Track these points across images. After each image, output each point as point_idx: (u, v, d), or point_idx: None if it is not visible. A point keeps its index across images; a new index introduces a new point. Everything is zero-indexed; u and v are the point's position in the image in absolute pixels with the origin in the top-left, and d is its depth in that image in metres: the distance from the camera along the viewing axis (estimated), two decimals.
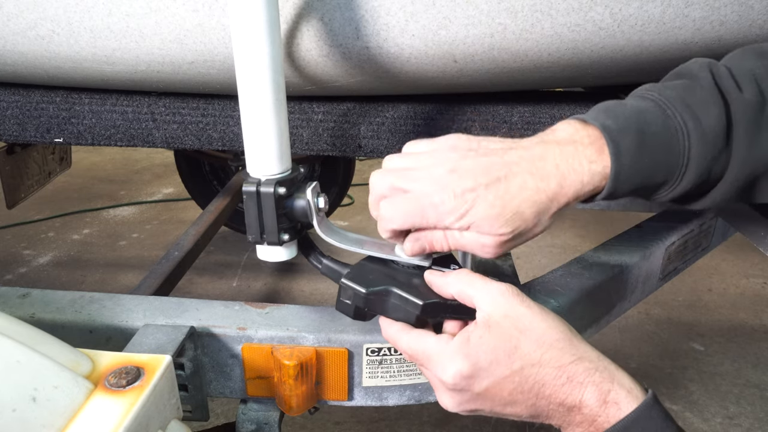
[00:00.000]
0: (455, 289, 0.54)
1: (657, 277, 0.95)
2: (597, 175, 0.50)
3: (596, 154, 0.50)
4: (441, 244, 0.54)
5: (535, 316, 0.50)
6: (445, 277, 0.56)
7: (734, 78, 0.51)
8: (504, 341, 0.49)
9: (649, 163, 0.50)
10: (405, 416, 1.60)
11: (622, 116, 0.51)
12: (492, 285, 0.53)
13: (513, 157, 0.51)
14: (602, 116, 0.51)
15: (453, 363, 0.50)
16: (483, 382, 0.50)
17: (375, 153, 0.91)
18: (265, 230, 0.64)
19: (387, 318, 0.58)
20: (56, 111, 0.94)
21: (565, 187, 0.50)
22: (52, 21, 0.77)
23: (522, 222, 0.51)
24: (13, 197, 1.58)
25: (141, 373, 0.52)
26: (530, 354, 0.49)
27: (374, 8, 0.70)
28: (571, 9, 0.69)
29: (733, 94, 0.50)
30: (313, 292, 2.21)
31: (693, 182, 0.51)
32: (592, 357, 0.49)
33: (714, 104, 0.50)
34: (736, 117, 0.49)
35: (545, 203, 0.51)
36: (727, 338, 1.95)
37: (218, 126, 0.92)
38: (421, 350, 0.53)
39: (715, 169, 0.51)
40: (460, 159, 0.52)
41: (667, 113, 0.50)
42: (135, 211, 3.01)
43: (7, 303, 0.71)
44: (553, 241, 2.65)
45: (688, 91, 0.51)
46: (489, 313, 0.51)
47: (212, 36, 0.75)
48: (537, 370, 0.48)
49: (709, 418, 1.61)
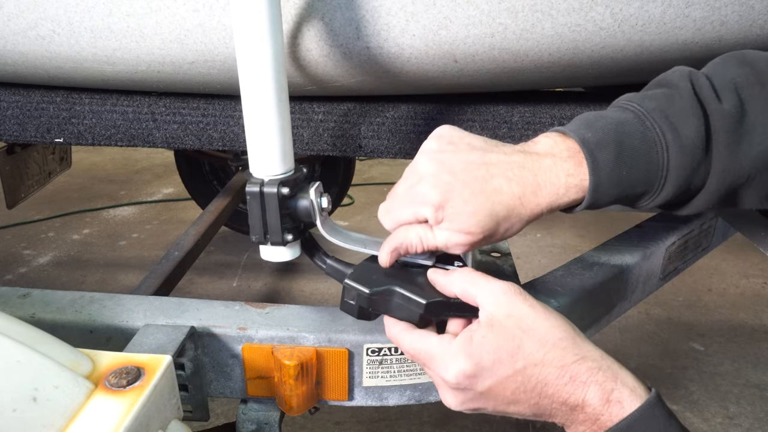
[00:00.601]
0: (458, 288, 0.54)
1: (657, 277, 0.95)
2: (573, 188, 0.51)
3: (574, 167, 0.51)
4: (416, 247, 0.56)
5: (538, 315, 0.50)
6: (448, 275, 0.56)
7: (714, 88, 0.51)
8: (507, 341, 0.49)
9: (627, 176, 0.50)
10: (405, 416, 1.60)
11: (601, 129, 0.51)
12: (495, 284, 0.53)
13: (492, 159, 0.52)
14: (582, 129, 0.52)
15: (456, 362, 0.50)
16: (486, 382, 0.50)
17: (375, 153, 0.91)
18: (269, 231, 0.64)
19: (391, 317, 0.58)
20: (56, 111, 0.94)
21: (540, 197, 0.51)
22: (53, 21, 0.76)
23: (494, 224, 0.51)
24: (13, 197, 1.58)
25: (141, 373, 0.52)
26: (533, 354, 0.49)
27: (375, 8, 0.70)
28: (571, 9, 0.69)
29: (712, 104, 0.50)
30: (314, 292, 2.21)
31: (672, 193, 0.51)
32: (596, 356, 0.49)
33: (693, 115, 0.50)
34: (715, 128, 0.50)
35: (519, 209, 0.51)
36: (727, 338, 1.95)
37: (219, 126, 0.92)
38: (424, 350, 0.53)
39: (694, 180, 0.51)
40: (440, 152, 0.54)
41: (646, 125, 0.51)
42: (135, 211, 3.01)
43: (7, 303, 0.71)
44: (553, 241, 2.65)
45: (668, 102, 0.51)
46: (492, 313, 0.51)
47: (213, 36, 0.75)
48: (540, 370, 0.48)
49: (709, 418, 1.61)
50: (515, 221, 0.52)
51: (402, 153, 0.89)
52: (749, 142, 0.49)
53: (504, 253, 0.88)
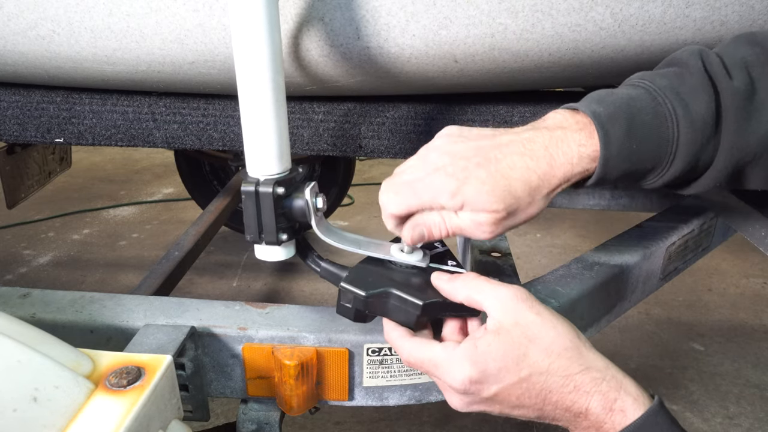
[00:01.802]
0: (463, 295, 0.54)
1: (657, 277, 0.95)
2: (586, 158, 0.51)
3: (586, 138, 0.51)
4: (439, 229, 0.55)
5: (545, 324, 0.50)
6: (453, 282, 0.56)
7: (725, 66, 0.51)
8: (513, 349, 0.49)
9: (638, 149, 0.51)
10: (405, 416, 1.60)
11: (612, 103, 0.51)
12: (501, 290, 0.52)
13: (503, 140, 0.53)
14: (593, 104, 0.52)
15: (461, 369, 0.50)
16: (492, 388, 0.50)
17: (375, 153, 0.91)
18: (264, 230, 0.64)
19: (389, 321, 0.58)
20: (57, 111, 0.94)
21: (555, 168, 0.51)
22: (53, 21, 0.76)
23: (514, 200, 0.51)
24: (13, 197, 1.58)
25: (142, 373, 0.52)
26: (538, 363, 0.49)
27: (375, 8, 0.70)
28: (571, 9, 0.69)
29: (722, 81, 0.50)
30: (314, 292, 2.21)
31: (681, 169, 0.51)
32: (600, 366, 0.49)
33: (703, 91, 0.50)
34: (725, 104, 0.50)
35: (536, 182, 0.51)
36: (727, 338, 1.95)
37: (219, 126, 0.92)
38: (428, 359, 0.53)
39: (703, 156, 0.51)
40: (451, 144, 0.54)
41: (657, 100, 0.51)
42: (135, 211, 3.01)
43: (7, 303, 0.71)
44: (553, 241, 2.65)
45: (679, 79, 0.52)
46: (499, 321, 0.51)
47: (213, 36, 0.75)
48: (545, 378, 0.49)
49: (709, 418, 1.61)
50: (535, 195, 0.52)
51: (402, 153, 0.89)
52: (758, 120, 0.50)
53: (504, 253, 0.88)
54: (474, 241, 0.88)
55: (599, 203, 1.35)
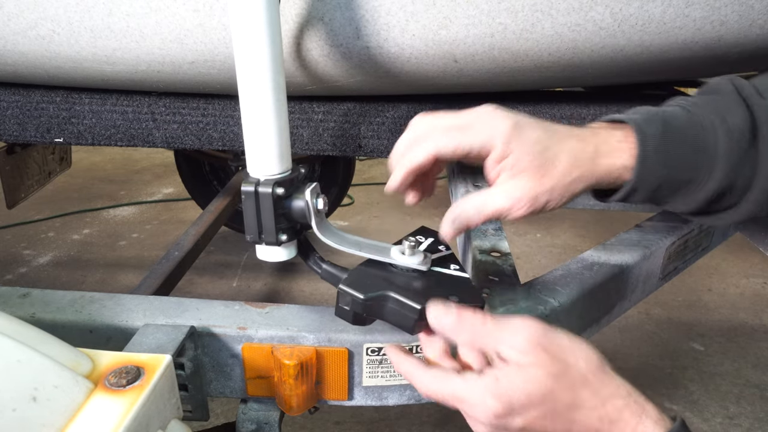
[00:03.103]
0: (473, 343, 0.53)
1: (657, 277, 0.95)
2: (626, 152, 0.52)
3: (623, 136, 0.53)
4: (477, 218, 0.55)
5: (567, 359, 0.50)
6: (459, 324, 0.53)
7: (756, 88, 0.53)
8: (536, 386, 0.49)
9: (674, 155, 0.52)
10: (405, 416, 1.60)
11: (646, 112, 0.54)
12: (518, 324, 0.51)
13: (554, 126, 0.54)
14: (627, 113, 0.54)
15: (486, 404, 0.49)
16: (517, 420, 0.50)
17: (375, 153, 0.91)
18: (263, 230, 0.64)
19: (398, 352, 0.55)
20: (56, 111, 0.94)
21: (597, 160, 0.53)
22: (53, 21, 0.77)
23: (554, 168, 0.52)
24: (13, 197, 1.58)
25: (141, 373, 0.52)
26: (562, 398, 0.49)
27: (375, 8, 0.70)
28: (571, 9, 0.69)
29: (755, 99, 0.52)
30: (313, 292, 2.21)
31: (720, 182, 0.52)
32: (623, 393, 0.49)
33: (738, 107, 0.52)
34: (760, 119, 0.51)
35: (581, 161, 0.52)
36: (727, 338, 1.95)
37: (218, 126, 0.92)
38: (450, 394, 0.52)
39: (742, 172, 0.52)
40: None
41: (691, 113, 0.53)
42: (135, 211, 3.01)
43: (7, 303, 0.71)
44: (553, 241, 2.65)
45: (712, 99, 0.54)
46: (518, 360, 0.50)
47: (213, 36, 0.75)
48: (568, 410, 0.49)
49: (709, 418, 1.61)
50: (575, 171, 0.53)
51: None
52: None
53: (504, 253, 0.88)
54: (474, 240, 0.88)
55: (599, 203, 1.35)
